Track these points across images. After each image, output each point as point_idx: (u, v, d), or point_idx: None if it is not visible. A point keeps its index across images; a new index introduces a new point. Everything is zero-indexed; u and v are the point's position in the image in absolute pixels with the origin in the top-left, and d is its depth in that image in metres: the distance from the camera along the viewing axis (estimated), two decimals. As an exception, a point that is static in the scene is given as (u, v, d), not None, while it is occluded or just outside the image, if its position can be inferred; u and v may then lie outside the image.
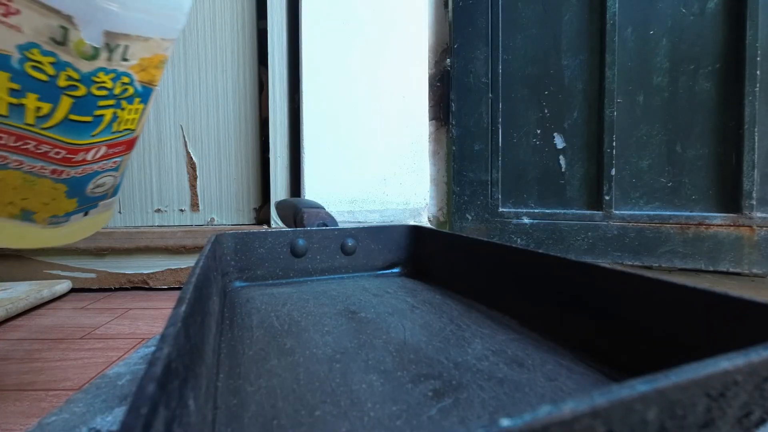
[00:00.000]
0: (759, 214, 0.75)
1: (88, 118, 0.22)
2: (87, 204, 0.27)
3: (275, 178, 0.91)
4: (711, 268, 0.78)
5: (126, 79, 0.22)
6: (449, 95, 0.91)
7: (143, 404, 0.10)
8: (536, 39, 0.87)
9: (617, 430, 0.11)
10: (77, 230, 0.28)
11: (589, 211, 0.84)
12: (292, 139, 0.92)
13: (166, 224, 0.94)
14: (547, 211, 0.87)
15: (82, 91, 0.21)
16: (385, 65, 0.89)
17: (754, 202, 0.75)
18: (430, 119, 0.93)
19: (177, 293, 0.32)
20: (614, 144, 0.82)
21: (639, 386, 0.11)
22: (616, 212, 0.82)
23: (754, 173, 0.75)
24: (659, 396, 0.11)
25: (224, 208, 0.96)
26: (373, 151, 0.89)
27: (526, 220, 0.87)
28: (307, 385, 0.22)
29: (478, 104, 0.89)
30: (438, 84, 0.93)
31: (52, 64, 0.20)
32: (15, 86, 0.19)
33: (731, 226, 0.76)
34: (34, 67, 0.19)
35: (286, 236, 0.44)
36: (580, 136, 0.85)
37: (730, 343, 0.14)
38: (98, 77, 0.21)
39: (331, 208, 0.86)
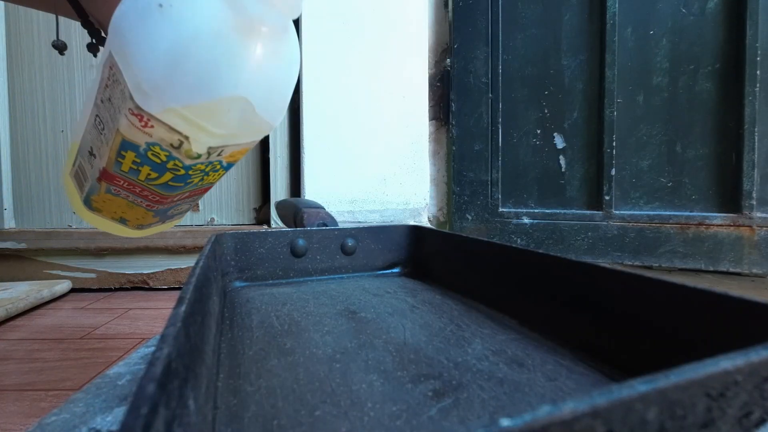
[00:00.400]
0: (759, 214, 0.75)
1: (181, 184, 0.30)
2: (166, 219, 0.36)
3: (275, 178, 0.91)
4: (711, 268, 0.78)
5: (216, 163, 0.30)
6: (449, 95, 0.91)
7: (143, 404, 0.10)
8: (536, 39, 0.87)
9: (617, 430, 0.11)
10: (154, 230, 0.38)
11: (589, 211, 0.84)
12: (292, 139, 0.92)
13: (166, 224, 0.94)
14: (547, 211, 0.87)
15: (181, 172, 0.29)
16: (385, 65, 0.89)
17: (754, 202, 0.75)
18: (430, 119, 0.93)
19: (177, 293, 0.33)
20: (614, 144, 0.82)
21: (639, 386, 0.11)
22: (616, 212, 0.82)
23: (754, 173, 0.75)
24: (659, 396, 0.11)
25: (224, 208, 0.96)
26: (373, 151, 0.89)
27: (526, 220, 0.87)
28: (307, 385, 0.22)
29: (478, 104, 0.89)
30: (438, 84, 0.93)
31: (165, 155, 0.27)
32: (137, 160, 0.27)
33: (731, 226, 0.76)
34: (153, 155, 0.27)
35: (286, 236, 0.44)
36: (580, 136, 0.85)
37: (730, 343, 0.14)
38: (196, 167, 0.29)
39: (331, 208, 0.86)
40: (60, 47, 0.34)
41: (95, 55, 0.33)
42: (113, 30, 0.25)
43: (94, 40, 0.33)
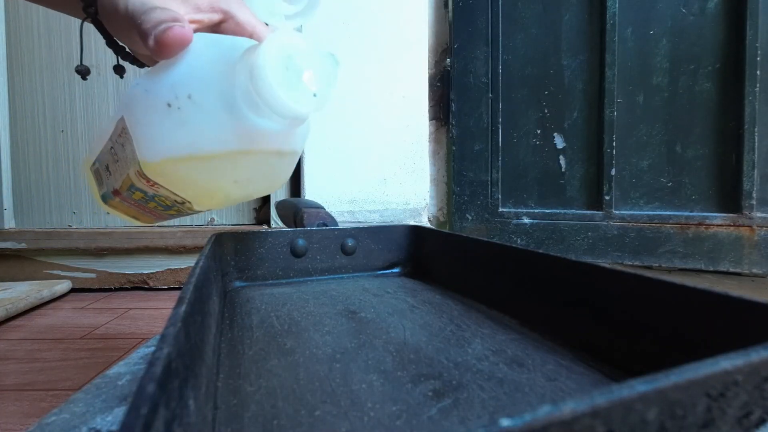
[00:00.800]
0: (759, 214, 0.75)
1: (187, 214, 0.34)
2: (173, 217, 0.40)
3: (275, 178, 0.91)
4: (711, 268, 0.78)
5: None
6: (449, 95, 0.91)
7: (143, 404, 0.10)
8: (536, 39, 0.87)
9: (617, 430, 0.11)
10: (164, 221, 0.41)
11: (589, 211, 0.84)
12: (292, 139, 0.92)
13: (166, 224, 0.94)
14: (547, 211, 0.87)
15: (186, 212, 0.32)
16: (385, 65, 0.89)
17: (754, 202, 0.75)
18: (430, 119, 0.93)
19: (177, 293, 0.33)
20: (614, 144, 0.82)
21: (639, 386, 0.11)
22: (616, 212, 0.82)
23: (754, 173, 0.75)
24: (659, 396, 0.11)
25: (224, 208, 0.96)
26: (373, 151, 0.89)
27: (526, 220, 0.87)
28: (307, 385, 0.22)
29: (478, 104, 0.89)
30: (438, 84, 0.93)
31: (170, 203, 0.30)
32: (145, 198, 0.29)
33: (731, 226, 0.76)
34: (159, 200, 0.29)
35: (286, 236, 0.44)
36: (580, 136, 0.85)
37: (730, 343, 0.14)
38: (200, 210, 0.32)
39: (331, 208, 0.86)
40: (83, 72, 0.34)
41: (121, 77, 0.34)
42: (126, 104, 0.25)
43: (119, 58, 0.32)
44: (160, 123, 0.24)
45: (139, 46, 0.28)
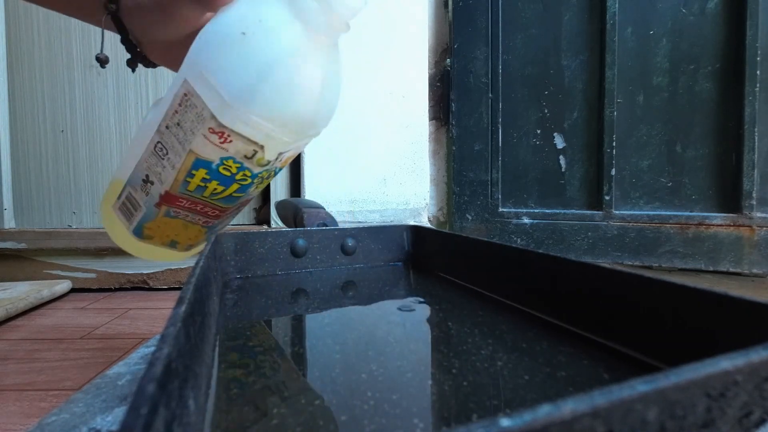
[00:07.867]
0: (759, 214, 0.75)
1: (242, 194, 0.32)
2: (211, 234, 0.37)
3: (275, 178, 0.91)
4: (711, 268, 0.78)
5: (273, 170, 0.32)
6: (449, 95, 0.91)
7: (143, 404, 0.10)
8: (536, 39, 0.87)
9: (617, 430, 0.11)
10: (196, 250, 0.38)
11: (589, 211, 0.84)
12: (292, 139, 0.92)
13: (166, 224, 0.94)
14: (547, 211, 0.87)
15: (248, 181, 0.31)
16: (385, 65, 0.89)
17: (754, 202, 0.75)
18: (430, 119, 0.93)
19: (177, 293, 0.33)
20: (614, 144, 0.82)
21: (639, 386, 0.11)
22: (616, 212, 0.82)
23: (754, 173, 0.75)
24: (659, 396, 0.11)
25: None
26: (373, 151, 0.89)
27: (526, 220, 0.87)
28: (308, 375, 0.22)
29: (478, 104, 0.89)
30: (438, 84, 0.93)
31: (237, 167, 0.29)
32: (207, 177, 0.29)
33: (731, 226, 0.76)
34: (225, 168, 0.29)
35: (286, 236, 0.45)
36: (580, 136, 0.85)
37: (730, 343, 0.14)
38: (261, 174, 0.31)
39: (331, 208, 0.86)
40: (103, 60, 0.35)
41: (133, 71, 0.35)
42: (191, 62, 0.27)
43: (131, 56, 0.34)
44: (237, 54, 0.26)
45: (158, 31, 0.30)
